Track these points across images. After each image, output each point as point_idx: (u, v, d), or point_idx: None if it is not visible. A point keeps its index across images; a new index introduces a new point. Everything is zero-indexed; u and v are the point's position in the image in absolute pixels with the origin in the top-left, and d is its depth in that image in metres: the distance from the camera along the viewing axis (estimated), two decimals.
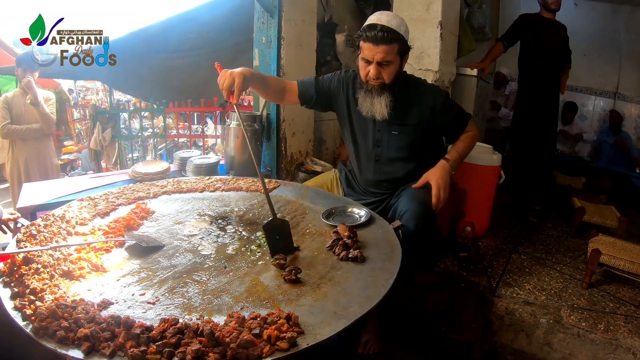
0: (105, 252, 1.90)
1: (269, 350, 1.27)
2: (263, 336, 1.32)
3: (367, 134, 2.74)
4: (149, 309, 1.51)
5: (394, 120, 2.63)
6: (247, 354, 1.25)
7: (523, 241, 4.29)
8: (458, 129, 2.74)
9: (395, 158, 2.72)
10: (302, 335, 1.34)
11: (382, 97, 2.53)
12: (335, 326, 1.39)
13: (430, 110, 2.63)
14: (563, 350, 2.83)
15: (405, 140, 2.67)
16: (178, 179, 2.93)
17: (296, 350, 1.29)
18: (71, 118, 9.29)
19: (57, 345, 1.29)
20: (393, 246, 1.95)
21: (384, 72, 2.48)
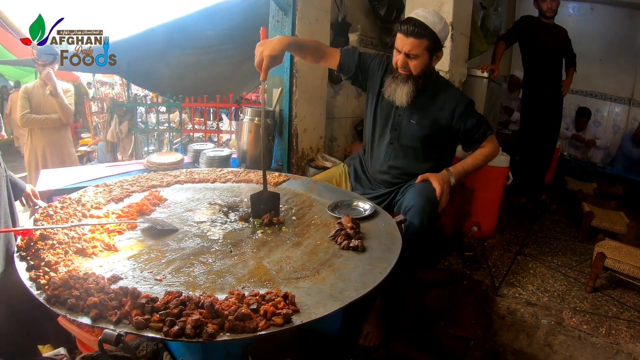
0: (118, 233, 2.00)
1: (265, 325, 1.35)
2: (260, 311, 1.39)
3: (389, 116, 2.81)
4: (155, 284, 1.59)
5: (415, 110, 2.71)
6: (243, 326, 1.33)
7: (529, 243, 4.29)
8: (474, 139, 2.78)
9: (407, 146, 2.78)
10: (297, 313, 1.41)
11: (405, 85, 2.62)
12: (329, 307, 1.45)
13: (451, 113, 2.69)
14: (563, 352, 2.84)
15: (421, 132, 2.73)
16: (191, 169, 3.02)
17: (290, 326, 1.36)
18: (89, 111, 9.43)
19: (67, 312, 1.37)
20: (394, 238, 2.01)
21: (411, 64, 2.57)
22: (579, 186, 5.75)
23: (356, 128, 4.65)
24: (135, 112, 6.25)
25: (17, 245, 1.77)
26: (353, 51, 2.90)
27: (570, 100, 7.53)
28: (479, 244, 3.84)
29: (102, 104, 9.48)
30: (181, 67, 6.20)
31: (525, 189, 5.10)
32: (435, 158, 2.84)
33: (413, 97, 2.63)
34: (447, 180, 2.67)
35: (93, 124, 9.51)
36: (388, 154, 2.83)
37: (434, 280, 3.02)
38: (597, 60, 7.22)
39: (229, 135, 6.44)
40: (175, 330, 1.29)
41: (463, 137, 2.80)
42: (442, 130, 2.74)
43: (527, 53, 4.96)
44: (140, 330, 1.32)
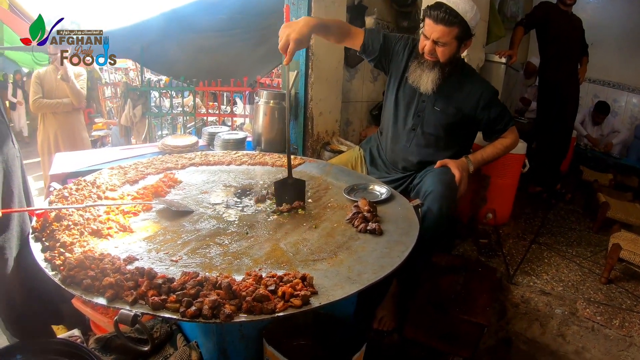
0: (133, 215, 2.00)
1: (283, 306, 1.34)
2: (278, 293, 1.38)
3: (412, 102, 2.76)
4: (171, 265, 1.59)
5: (439, 97, 2.67)
6: (261, 308, 1.32)
7: (544, 232, 4.25)
8: (496, 130, 2.75)
9: (430, 133, 2.74)
10: (315, 295, 1.40)
11: (431, 72, 2.57)
12: (347, 289, 1.44)
13: (476, 102, 2.65)
14: (576, 343, 2.81)
15: (445, 120, 2.69)
16: (206, 152, 3.02)
17: (308, 308, 1.35)
18: (102, 96, 9.46)
19: (83, 293, 1.37)
20: (411, 222, 2.00)
21: (439, 51, 2.51)
22: (594, 176, 5.67)
23: (371, 112, 4.62)
24: (149, 96, 6.25)
25: (32, 226, 1.78)
26: (377, 32, 2.83)
27: (587, 90, 7.41)
28: (493, 231, 3.81)
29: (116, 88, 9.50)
30: (195, 51, 6.18)
31: (540, 177, 5.05)
32: (456, 146, 2.81)
33: (438, 85, 2.59)
34: (466, 167, 2.65)
35: (106, 108, 9.54)
36: (410, 140, 2.80)
37: (449, 266, 3.00)
38: (615, 49, 7.06)
39: (242, 119, 6.43)
40: (192, 311, 1.29)
41: (485, 127, 2.77)
42: (465, 119, 2.70)
43: (544, 40, 4.88)
44: (157, 310, 1.31)
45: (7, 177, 2.05)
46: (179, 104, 6.16)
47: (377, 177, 2.76)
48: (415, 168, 2.82)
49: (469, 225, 3.76)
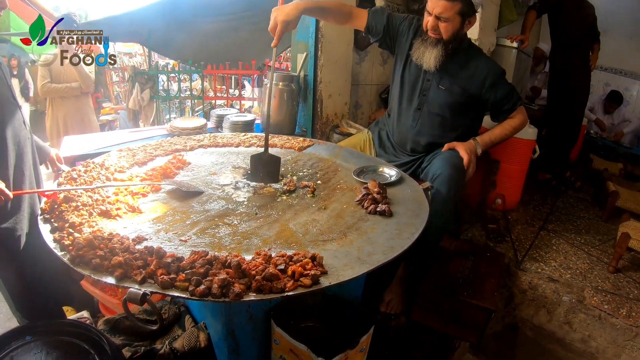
0: (142, 196, 1.99)
1: (292, 285, 1.33)
2: (287, 272, 1.38)
3: (417, 81, 2.75)
4: (180, 245, 1.59)
5: (444, 76, 2.65)
6: (270, 287, 1.31)
7: (553, 219, 4.23)
8: (504, 110, 2.71)
9: (435, 113, 2.73)
10: (325, 275, 1.39)
11: (434, 49, 2.55)
12: (357, 270, 1.43)
13: (482, 82, 2.62)
14: (583, 331, 2.81)
15: (450, 99, 2.67)
16: (214, 134, 3.01)
17: (318, 288, 1.34)
18: (110, 80, 9.45)
19: (91, 272, 1.37)
20: (421, 204, 1.99)
21: (442, 27, 2.48)
22: (604, 165, 5.62)
23: (381, 95, 4.57)
24: (156, 79, 6.23)
25: (40, 208, 1.78)
26: (382, 12, 2.80)
27: (599, 78, 7.32)
28: (502, 216, 3.80)
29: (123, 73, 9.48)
30: (203, 34, 6.14)
31: (550, 164, 5.01)
32: (462, 127, 2.78)
33: (441, 62, 2.57)
34: (474, 150, 2.62)
35: (114, 93, 9.53)
36: (415, 120, 2.78)
37: (457, 251, 2.99)
38: (627, 37, 6.96)
39: (251, 102, 6.41)
40: (202, 289, 1.28)
41: (492, 107, 2.73)
42: (471, 99, 2.67)
43: (555, 25, 4.81)
44: (166, 289, 1.31)
45: (19, 159, 2.05)
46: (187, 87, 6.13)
47: (385, 160, 2.74)
48: (423, 150, 2.80)
49: (478, 210, 3.74)
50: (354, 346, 1.72)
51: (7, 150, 1.97)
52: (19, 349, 1.51)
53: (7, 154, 1.97)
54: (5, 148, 1.96)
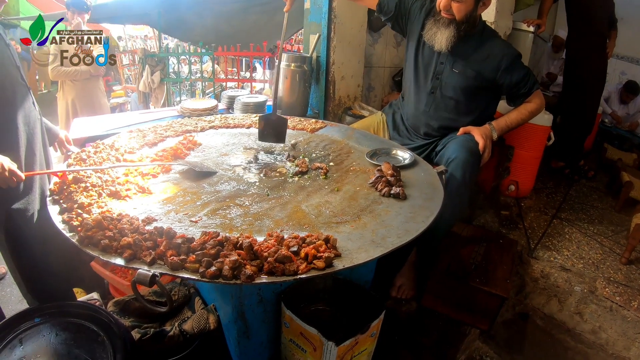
0: (152, 177, 1.97)
1: (305, 268, 1.30)
2: (300, 254, 1.35)
3: (430, 64, 2.71)
4: (190, 226, 1.57)
5: (458, 59, 2.61)
6: (283, 269, 1.28)
7: (566, 208, 4.17)
8: (520, 94, 2.66)
9: (449, 97, 2.68)
10: (338, 257, 1.37)
11: (446, 30, 2.51)
12: (371, 253, 1.40)
13: (497, 65, 2.57)
14: (593, 322, 2.77)
15: (464, 82, 2.63)
16: (225, 115, 2.99)
17: (331, 271, 1.31)
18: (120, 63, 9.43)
19: (100, 253, 1.35)
20: (435, 188, 1.96)
21: (454, 7, 2.44)
22: (618, 155, 5.52)
23: (394, 78, 4.51)
24: (167, 61, 6.20)
25: (49, 189, 1.77)
26: None
27: (615, 66, 7.17)
28: (515, 203, 3.75)
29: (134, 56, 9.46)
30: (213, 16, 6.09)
31: (564, 152, 4.94)
32: (477, 111, 2.73)
33: (453, 43, 2.53)
34: (490, 134, 2.58)
35: (124, 76, 9.52)
36: (428, 104, 2.74)
37: (470, 237, 2.95)
38: None
39: (262, 84, 6.37)
40: (212, 271, 1.26)
41: (508, 91, 2.68)
42: (485, 83, 2.63)
43: (573, 10, 4.69)
44: (176, 271, 1.29)
45: (30, 140, 2.05)
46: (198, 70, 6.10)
47: (399, 143, 2.70)
48: (437, 134, 2.77)
49: (491, 196, 3.70)
50: (365, 331, 1.70)
51: (18, 130, 1.96)
52: (28, 330, 1.51)
53: (18, 134, 1.96)
54: (16, 129, 1.95)
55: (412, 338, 2.54)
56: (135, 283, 1.27)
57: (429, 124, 2.77)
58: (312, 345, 1.70)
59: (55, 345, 1.47)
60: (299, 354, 1.81)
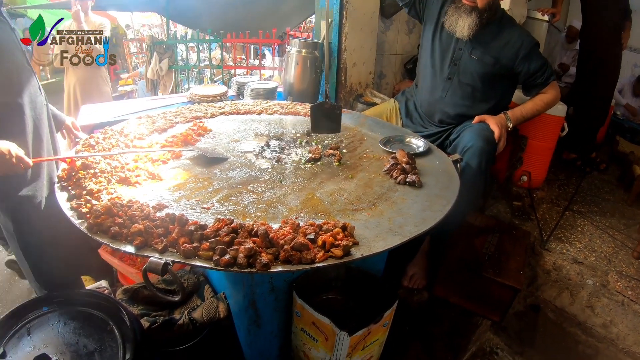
0: (162, 163, 1.94)
1: (323, 256, 1.27)
2: (318, 242, 1.31)
3: (448, 50, 2.68)
4: (202, 213, 1.53)
5: (477, 45, 2.58)
6: (300, 257, 1.25)
7: (578, 200, 4.13)
8: (536, 84, 2.63)
9: (466, 83, 2.66)
10: (356, 246, 1.33)
11: (468, 17, 2.49)
12: (390, 241, 1.37)
13: (515, 53, 2.54)
14: (605, 316, 2.74)
15: (482, 69, 2.60)
16: (236, 101, 2.95)
17: (350, 259, 1.28)
18: (128, 51, 9.41)
19: (110, 241, 1.32)
20: (451, 176, 1.92)
21: None
22: (630, 148, 5.45)
23: (406, 66, 4.46)
24: (175, 48, 6.17)
25: (57, 175, 1.74)
26: None
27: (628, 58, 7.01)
28: (527, 194, 3.71)
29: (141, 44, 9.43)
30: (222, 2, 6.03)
31: (576, 144, 4.88)
32: (493, 100, 2.70)
33: (475, 31, 2.49)
34: (505, 124, 2.55)
35: (132, 64, 9.50)
36: (445, 90, 2.71)
37: (482, 227, 2.91)
38: None
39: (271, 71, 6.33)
40: (227, 259, 1.22)
41: (525, 81, 2.65)
42: (503, 70, 2.60)
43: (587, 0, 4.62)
44: (188, 259, 1.26)
45: (37, 125, 2.02)
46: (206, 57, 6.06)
47: (412, 131, 2.68)
48: (452, 121, 2.74)
49: (504, 187, 3.66)
50: (378, 320, 1.68)
51: (24, 116, 1.93)
52: (36, 320, 1.48)
53: (24, 120, 1.93)
54: (23, 114, 1.93)
55: (423, 328, 2.51)
56: (147, 271, 1.23)
57: (444, 111, 2.74)
58: (324, 334, 1.68)
59: (64, 334, 1.45)
60: (310, 344, 1.79)
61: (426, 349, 2.43)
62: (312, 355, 1.82)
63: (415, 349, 2.42)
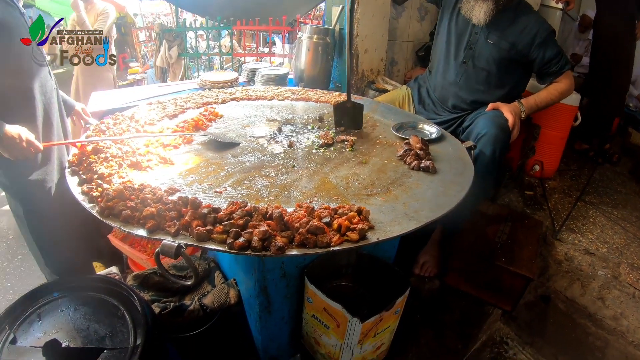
0: (174, 148, 1.93)
1: (339, 240, 1.24)
2: (333, 225, 1.29)
3: (464, 34, 2.67)
4: (215, 196, 1.52)
5: (493, 30, 2.57)
6: (315, 241, 1.23)
7: (590, 191, 4.09)
8: (551, 72, 2.60)
9: (481, 68, 2.64)
10: (371, 230, 1.31)
11: (485, 4, 2.48)
12: (405, 226, 1.35)
13: (531, 39, 2.52)
14: (615, 308, 2.72)
15: (497, 54, 2.58)
16: (247, 87, 2.93)
17: (365, 243, 1.26)
18: (137, 40, 9.39)
19: (121, 224, 1.31)
20: (465, 163, 1.90)
21: None
22: None
23: (417, 53, 4.42)
24: (184, 36, 6.14)
25: (68, 160, 1.73)
26: None
27: None
28: (539, 184, 3.68)
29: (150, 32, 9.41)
30: None
31: (590, 134, 4.82)
32: (507, 86, 2.68)
33: (491, 17, 2.48)
34: (519, 112, 2.53)
35: (141, 52, 9.48)
36: (459, 75, 2.70)
37: (495, 216, 2.89)
38: None
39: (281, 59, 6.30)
40: (241, 242, 1.21)
41: (539, 68, 2.62)
42: (518, 56, 2.57)
43: None
44: (202, 242, 1.24)
45: (47, 109, 2.02)
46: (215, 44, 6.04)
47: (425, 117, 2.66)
48: (466, 107, 2.73)
49: (516, 176, 3.63)
50: (390, 308, 1.67)
51: (34, 100, 1.93)
52: (47, 305, 1.48)
53: (35, 104, 1.93)
54: (33, 98, 1.92)
55: (434, 316, 2.50)
56: (159, 254, 1.22)
57: (459, 96, 2.73)
58: (336, 321, 1.67)
59: (75, 319, 1.44)
60: (321, 330, 1.78)
61: (436, 337, 2.42)
62: (323, 341, 1.81)
63: (426, 336, 2.41)
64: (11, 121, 1.75)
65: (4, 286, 3.21)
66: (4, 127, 1.70)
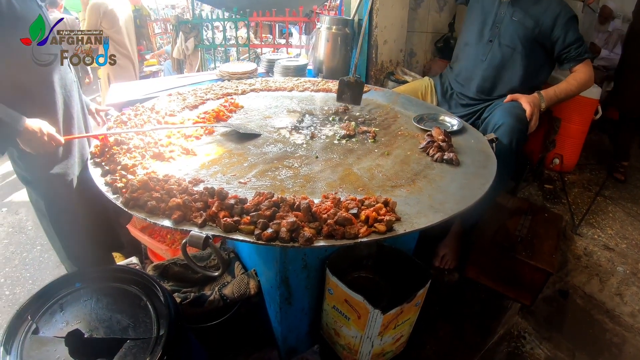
0: (196, 139, 1.93)
1: (366, 231, 1.24)
2: (361, 217, 1.29)
3: (490, 13, 2.71)
4: (239, 187, 1.52)
5: (518, 8, 2.60)
6: (343, 232, 1.22)
7: (609, 186, 4.04)
8: (570, 57, 2.58)
9: (506, 45, 2.65)
10: (398, 221, 1.31)
11: None
12: (432, 218, 1.35)
13: (554, 18, 2.53)
14: (633, 305, 2.69)
15: (522, 32, 2.60)
16: (266, 78, 2.93)
17: (393, 235, 1.26)
18: (152, 32, 9.41)
19: (147, 215, 1.31)
20: (488, 156, 1.89)
21: None
22: None
23: (436, 44, 4.38)
24: (201, 28, 6.15)
25: (90, 152, 1.73)
26: None
27: None
28: (559, 177, 3.64)
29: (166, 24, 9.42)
30: None
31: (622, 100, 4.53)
32: (530, 68, 2.68)
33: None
34: (538, 103, 2.51)
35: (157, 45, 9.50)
36: (485, 54, 2.72)
37: (515, 209, 2.87)
38: None
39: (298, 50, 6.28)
40: (269, 233, 1.21)
41: (559, 51, 2.61)
42: (541, 37, 2.59)
43: None
44: (229, 233, 1.24)
45: (67, 103, 2.03)
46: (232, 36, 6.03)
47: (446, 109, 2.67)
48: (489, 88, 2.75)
49: (536, 169, 3.60)
50: (410, 300, 1.66)
51: (54, 93, 1.94)
52: (68, 296, 1.48)
53: (55, 97, 1.94)
54: (53, 91, 1.93)
55: (453, 309, 2.50)
56: (186, 245, 1.22)
57: (483, 75, 2.75)
58: (357, 312, 1.67)
59: (97, 310, 1.44)
60: (341, 321, 1.78)
61: (455, 329, 2.42)
62: (343, 333, 1.82)
63: (444, 329, 2.41)
64: (31, 114, 1.75)
65: (23, 276, 3.25)
66: (24, 121, 1.71)
